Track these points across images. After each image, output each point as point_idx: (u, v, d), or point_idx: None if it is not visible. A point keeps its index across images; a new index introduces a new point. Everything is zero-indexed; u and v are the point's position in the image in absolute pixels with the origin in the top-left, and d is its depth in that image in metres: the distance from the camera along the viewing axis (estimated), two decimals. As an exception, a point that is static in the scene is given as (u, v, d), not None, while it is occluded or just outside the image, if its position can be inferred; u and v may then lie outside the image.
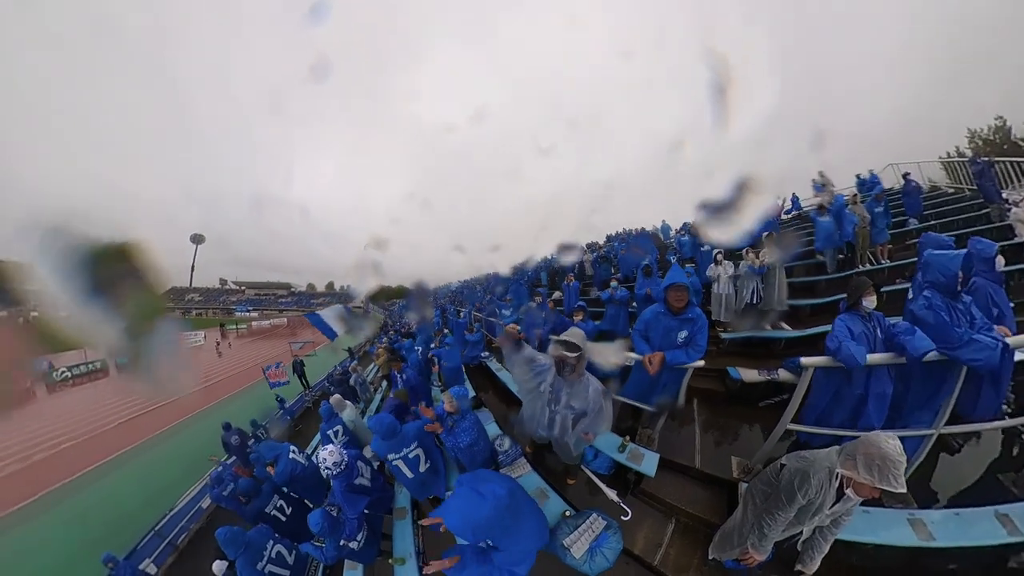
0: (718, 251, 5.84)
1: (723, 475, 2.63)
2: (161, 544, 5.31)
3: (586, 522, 2.27)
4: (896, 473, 1.38)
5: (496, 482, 1.94)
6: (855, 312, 2.34)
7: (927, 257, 2.49)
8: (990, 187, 6.62)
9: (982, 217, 6.47)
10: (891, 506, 2.17)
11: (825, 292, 5.68)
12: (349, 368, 10.14)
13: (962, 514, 2.01)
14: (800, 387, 2.22)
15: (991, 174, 6.77)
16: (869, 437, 1.49)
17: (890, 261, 6.06)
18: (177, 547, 5.43)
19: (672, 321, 2.66)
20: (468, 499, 1.81)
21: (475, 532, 1.77)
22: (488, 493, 1.80)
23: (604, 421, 2.21)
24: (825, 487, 1.57)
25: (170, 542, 5.41)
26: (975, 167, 7.14)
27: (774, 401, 3.41)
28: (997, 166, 7.16)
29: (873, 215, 6.17)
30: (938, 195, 8.93)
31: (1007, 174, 7.37)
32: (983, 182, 6.77)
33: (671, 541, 2.40)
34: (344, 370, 10.92)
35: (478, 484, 1.87)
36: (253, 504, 3.43)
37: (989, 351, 1.94)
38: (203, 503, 6.22)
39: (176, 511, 6.02)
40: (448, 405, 2.74)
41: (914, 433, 2.17)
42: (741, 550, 1.91)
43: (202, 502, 6.25)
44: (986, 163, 6.87)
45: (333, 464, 2.64)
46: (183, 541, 5.55)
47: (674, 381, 2.78)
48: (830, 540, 1.79)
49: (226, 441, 7.08)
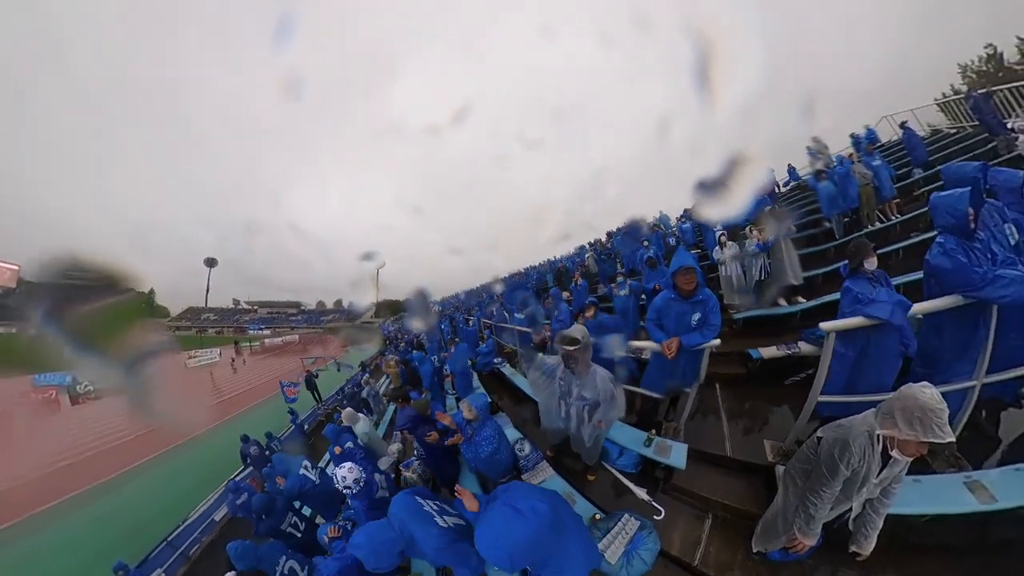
0: (721, 233, 5.74)
1: (758, 460, 2.49)
2: (173, 555, 5.28)
3: (618, 524, 2.17)
4: (940, 422, 1.30)
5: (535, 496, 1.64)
6: (860, 275, 2.25)
7: (932, 201, 2.36)
8: (991, 119, 6.35)
9: (989, 152, 6.14)
10: (943, 472, 2.01)
11: (836, 259, 5.48)
12: (361, 381, 10.23)
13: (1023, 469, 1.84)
14: (825, 353, 2.13)
15: (990, 106, 6.51)
16: (903, 391, 1.41)
17: (900, 216, 5.80)
18: (189, 558, 5.36)
19: (684, 305, 2.65)
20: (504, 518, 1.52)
21: (514, 558, 1.48)
22: (527, 510, 1.52)
23: (615, 408, 2.28)
24: (868, 452, 1.49)
25: (182, 553, 5.37)
26: (971, 102, 6.91)
27: (800, 377, 3.26)
28: (995, 96, 6.86)
29: (874, 170, 5.95)
30: (940, 138, 8.57)
31: (1007, 103, 7.01)
32: (983, 116, 6.51)
33: (710, 537, 2.25)
34: (356, 384, 10.98)
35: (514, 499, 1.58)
36: (267, 521, 3.38)
37: (1017, 284, 1.80)
38: (216, 515, 6.18)
39: (189, 522, 5.99)
40: (467, 413, 2.68)
41: (955, 387, 2.02)
42: (787, 537, 1.79)
43: (215, 514, 6.20)
44: (983, 95, 6.61)
45: (353, 482, 2.57)
46: (195, 552, 5.49)
47: (693, 365, 2.76)
48: (883, 513, 1.66)
49: (245, 452, 7.08)
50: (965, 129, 8.17)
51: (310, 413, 12.07)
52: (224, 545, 2.64)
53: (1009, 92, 6.97)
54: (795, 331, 3.76)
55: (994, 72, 22.62)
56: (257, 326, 57.53)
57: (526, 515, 1.50)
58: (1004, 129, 6.02)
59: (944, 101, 9.54)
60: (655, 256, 6.21)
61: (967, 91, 7.68)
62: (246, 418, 14.56)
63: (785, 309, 4.58)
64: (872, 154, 6.20)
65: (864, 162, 6.15)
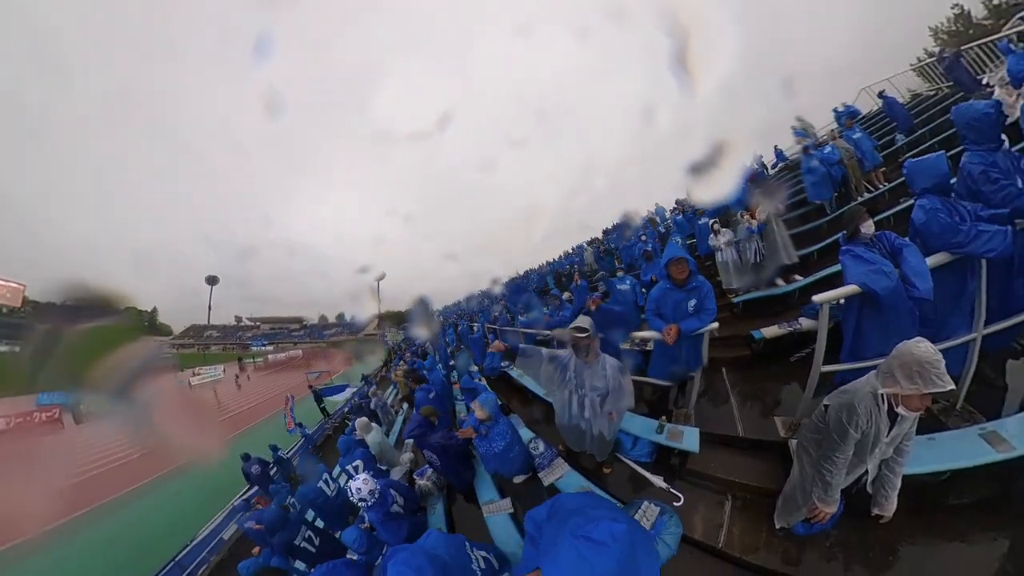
0: (714, 221, 5.84)
1: (771, 437, 2.48)
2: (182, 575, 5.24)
3: (639, 512, 2.15)
4: (938, 372, 1.34)
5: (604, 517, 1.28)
6: (857, 241, 2.28)
7: (907, 166, 2.42)
8: (965, 77, 6.37)
9: (969, 112, 6.21)
10: (957, 428, 2.01)
11: (828, 233, 5.52)
12: (368, 393, 10.14)
13: (1039, 413, 1.84)
14: (821, 326, 2.14)
15: (962, 65, 6.51)
16: (899, 348, 1.45)
17: (887, 183, 5.85)
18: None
19: (679, 294, 2.79)
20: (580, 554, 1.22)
21: None
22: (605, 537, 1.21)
23: (625, 396, 2.33)
24: (874, 413, 1.52)
25: (190, 573, 5.31)
26: (943, 63, 6.87)
27: (805, 353, 3.27)
28: (965, 55, 6.83)
29: (855, 143, 6.03)
30: (921, 102, 8.60)
31: (979, 60, 6.95)
32: (957, 75, 6.53)
33: (732, 519, 2.24)
34: (362, 397, 10.88)
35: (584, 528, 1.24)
36: (279, 536, 3.22)
37: (1000, 237, 1.87)
38: (224, 534, 6.06)
39: (197, 541, 5.90)
40: (480, 413, 2.72)
41: (956, 342, 2.04)
42: (808, 507, 1.80)
43: (224, 533, 6.08)
44: (953, 54, 6.57)
45: (368, 493, 2.58)
46: (203, 573, 5.40)
47: (694, 350, 2.83)
48: (899, 472, 1.67)
49: (247, 472, 6.79)
50: (943, 90, 8.20)
51: (317, 428, 11.91)
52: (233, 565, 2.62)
53: (979, 48, 6.89)
54: (795, 309, 3.80)
55: (964, 30, 22.97)
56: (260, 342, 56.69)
57: (607, 544, 1.21)
58: (979, 85, 6.04)
59: (919, 66, 9.54)
60: (652, 249, 6.28)
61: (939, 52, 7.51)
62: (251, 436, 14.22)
63: (783, 288, 4.62)
64: (852, 127, 6.28)
65: (845, 136, 6.23)
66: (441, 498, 3.54)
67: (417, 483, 3.72)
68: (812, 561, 1.87)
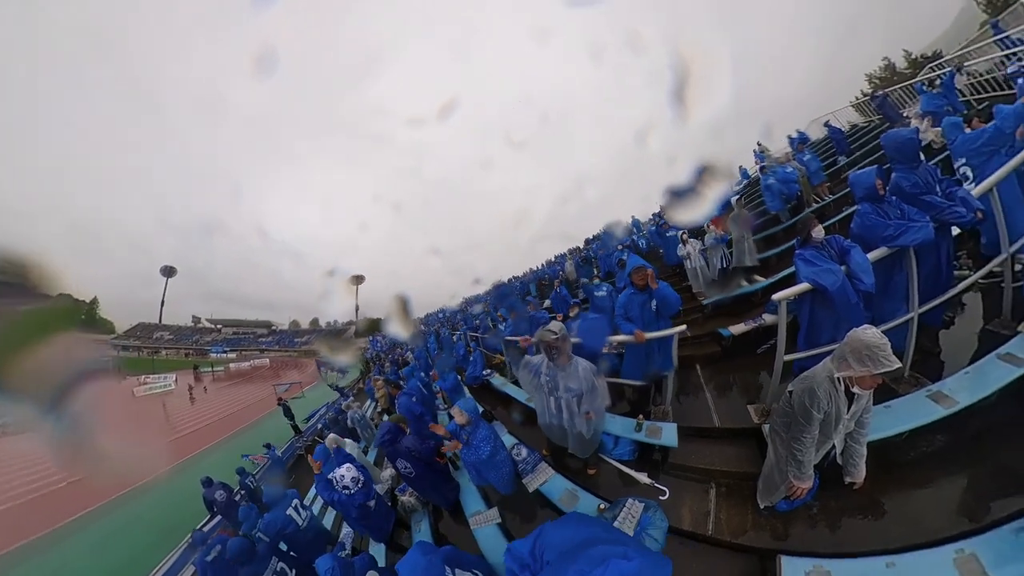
0: (683, 231, 6.25)
1: (745, 424, 2.62)
2: None
3: (624, 509, 2.20)
4: (884, 354, 1.47)
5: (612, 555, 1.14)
6: (809, 246, 2.53)
7: (850, 179, 2.79)
8: (891, 112, 8.23)
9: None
10: (908, 393, 2.22)
11: (784, 239, 6.06)
12: (343, 407, 9.07)
13: (971, 370, 2.10)
14: (780, 320, 2.35)
15: (889, 102, 8.49)
16: (850, 336, 1.59)
17: (832, 195, 6.63)
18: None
19: (643, 296, 3.12)
20: None
21: None
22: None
23: (600, 396, 2.39)
24: (833, 394, 1.65)
25: None
26: (875, 101, 8.96)
27: (770, 344, 3.49)
28: (891, 95, 8.92)
29: (805, 164, 6.89)
30: (857, 131, 10.06)
31: (901, 99, 9.06)
32: (886, 110, 8.43)
33: (718, 506, 2.32)
34: (337, 411, 9.68)
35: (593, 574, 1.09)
36: (247, 570, 2.86)
37: (924, 229, 2.20)
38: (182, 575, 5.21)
39: None
40: (459, 418, 2.66)
41: (896, 323, 2.32)
42: (786, 485, 1.90)
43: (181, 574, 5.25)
44: (883, 95, 8.62)
45: (351, 481, 2.50)
46: None
47: (664, 351, 3.02)
48: (863, 442, 1.82)
49: (208, 499, 5.92)
50: (874, 122, 9.87)
51: (288, 446, 10.63)
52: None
53: (901, 90, 9.19)
54: (759, 306, 4.09)
55: (890, 77, 31.19)
56: (221, 348, 49.08)
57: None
58: (901, 117, 7.75)
59: (857, 103, 11.85)
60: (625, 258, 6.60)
61: (871, 93, 10.06)
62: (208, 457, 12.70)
63: (747, 289, 4.96)
64: (803, 151, 7.25)
65: (797, 159, 7.15)
66: (426, 514, 3.42)
67: (400, 499, 3.59)
68: (799, 533, 1.97)
